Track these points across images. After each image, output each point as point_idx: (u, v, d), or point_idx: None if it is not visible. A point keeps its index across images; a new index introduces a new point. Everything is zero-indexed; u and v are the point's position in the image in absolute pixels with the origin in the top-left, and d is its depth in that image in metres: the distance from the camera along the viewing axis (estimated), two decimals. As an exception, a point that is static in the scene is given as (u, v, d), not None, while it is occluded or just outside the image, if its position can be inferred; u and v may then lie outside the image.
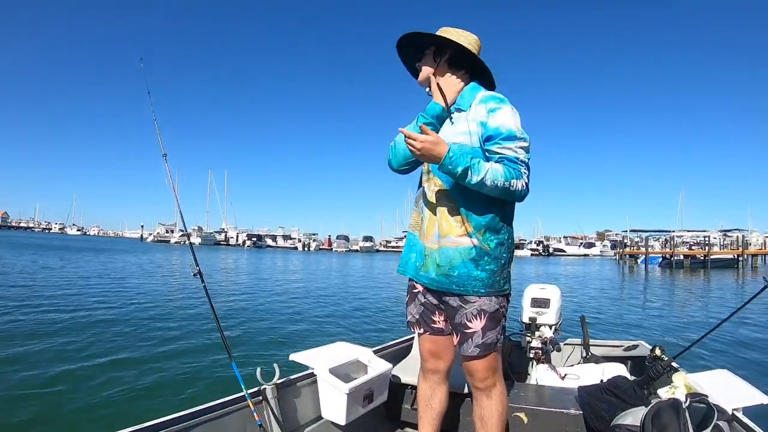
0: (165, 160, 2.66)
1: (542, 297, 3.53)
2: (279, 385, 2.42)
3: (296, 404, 2.54)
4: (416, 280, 2.19)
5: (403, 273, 2.26)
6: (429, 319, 2.20)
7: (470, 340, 2.05)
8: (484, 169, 1.87)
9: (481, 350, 2.05)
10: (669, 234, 55.42)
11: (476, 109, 2.04)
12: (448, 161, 1.86)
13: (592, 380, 2.88)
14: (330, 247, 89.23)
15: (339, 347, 3.00)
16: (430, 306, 2.19)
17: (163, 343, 6.56)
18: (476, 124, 2.02)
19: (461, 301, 2.05)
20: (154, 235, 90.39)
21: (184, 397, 4.67)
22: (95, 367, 5.48)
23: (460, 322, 2.06)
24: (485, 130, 1.99)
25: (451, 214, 2.04)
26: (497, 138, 1.95)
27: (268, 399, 2.34)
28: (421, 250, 2.13)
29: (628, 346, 3.85)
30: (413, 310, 2.25)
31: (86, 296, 11.16)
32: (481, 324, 2.03)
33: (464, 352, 2.08)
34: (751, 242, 54.21)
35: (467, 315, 2.04)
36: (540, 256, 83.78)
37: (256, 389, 2.34)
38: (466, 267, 2.02)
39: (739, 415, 2.18)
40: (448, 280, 2.04)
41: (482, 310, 2.03)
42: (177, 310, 9.20)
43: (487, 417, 2.14)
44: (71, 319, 8.40)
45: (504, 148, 1.94)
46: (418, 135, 1.87)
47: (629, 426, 2.04)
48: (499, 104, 2.01)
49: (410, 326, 2.29)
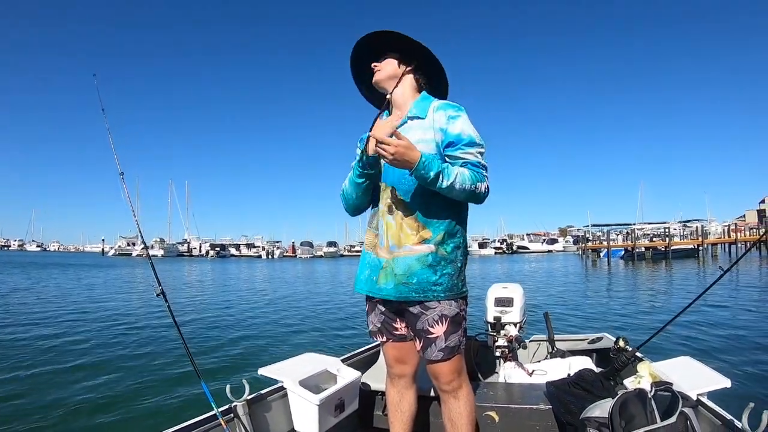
0: (122, 179, 2.61)
1: (505, 296, 3.56)
2: (250, 401, 2.39)
3: (268, 419, 2.51)
4: (373, 295, 2.15)
5: (359, 291, 2.23)
6: (391, 327, 2.20)
7: (433, 345, 2.05)
8: (454, 173, 1.89)
9: (445, 354, 2.05)
10: (630, 227, 56.81)
11: (434, 116, 2.06)
12: (421, 166, 1.83)
13: (559, 375, 2.92)
14: (294, 254, 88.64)
15: (307, 358, 2.98)
16: (390, 315, 2.18)
17: (128, 367, 6.31)
18: (435, 131, 2.03)
19: (422, 308, 2.05)
20: (116, 249, 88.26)
21: (154, 421, 4.52)
22: (57, 397, 5.21)
23: (422, 328, 2.06)
24: (446, 136, 2.01)
25: (408, 222, 2.03)
26: (459, 144, 1.99)
27: (239, 416, 2.32)
28: (375, 264, 2.11)
29: (593, 339, 3.92)
30: (374, 320, 2.23)
31: (42, 319, 10.78)
32: (443, 328, 2.04)
33: (428, 356, 2.07)
34: (711, 232, 56.12)
35: (428, 321, 2.04)
36: (504, 254, 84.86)
37: (227, 407, 2.31)
38: (425, 273, 2.01)
39: (704, 400, 2.23)
40: (407, 288, 2.02)
41: (443, 315, 2.04)
42: (142, 330, 8.87)
43: (456, 418, 2.15)
44: (24, 345, 8.14)
45: (467, 153, 1.98)
46: (390, 140, 1.81)
47: (598, 418, 2.07)
48: (458, 112, 2.05)
49: (373, 335, 2.27)
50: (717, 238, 53.19)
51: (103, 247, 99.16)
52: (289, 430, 2.59)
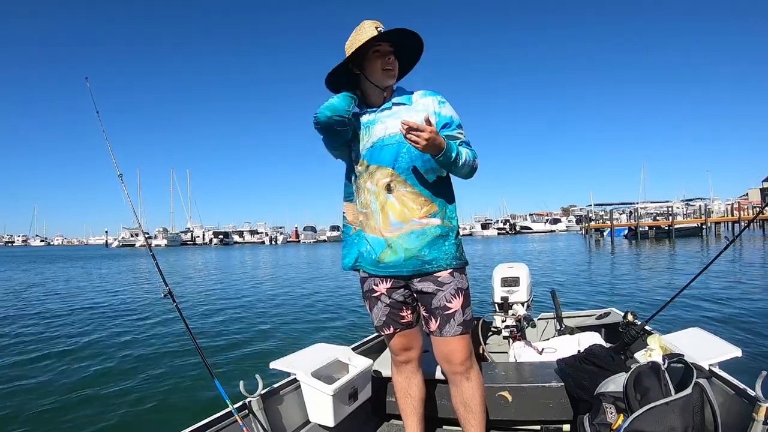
0: (121, 181, 2.58)
1: (511, 276, 3.56)
2: (263, 396, 2.39)
3: (283, 412, 2.51)
4: (378, 272, 2.15)
5: (357, 268, 2.23)
6: (397, 317, 2.21)
7: (452, 320, 2.07)
8: (463, 152, 2.03)
9: (463, 328, 2.10)
10: (633, 206, 56.67)
11: (422, 101, 2.14)
12: (448, 149, 1.93)
13: (569, 351, 2.90)
14: (297, 239, 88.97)
15: (317, 349, 2.97)
16: (395, 304, 2.19)
17: (141, 368, 6.24)
18: (430, 115, 2.03)
19: (437, 285, 2.07)
20: (119, 240, 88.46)
21: (170, 421, 4.47)
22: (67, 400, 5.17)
23: (440, 305, 2.08)
24: (440, 118, 2.10)
25: (412, 198, 2.06)
26: (453, 125, 2.11)
27: (254, 411, 2.32)
28: (376, 242, 2.11)
29: (600, 314, 3.91)
30: (378, 314, 2.22)
31: (45, 318, 10.74)
32: (460, 301, 2.09)
33: (446, 334, 2.09)
34: (714, 210, 55.98)
35: (446, 296, 2.07)
36: (507, 234, 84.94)
37: (242, 403, 2.31)
38: (436, 244, 2.07)
39: (716, 370, 2.22)
40: (419, 260, 2.05)
41: (458, 288, 2.10)
42: (151, 329, 8.74)
43: (469, 399, 2.16)
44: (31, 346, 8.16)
45: (460, 134, 2.12)
46: (425, 126, 1.83)
47: (612, 393, 2.05)
48: (444, 99, 2.17)
49: (379, 330, 2.28)
50: (720, 216, 53.08)
51: (106, 239, 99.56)
52: (304, 422, 2.59)
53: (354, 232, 2.25)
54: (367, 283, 2.22)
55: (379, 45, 2.08)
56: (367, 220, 2.14)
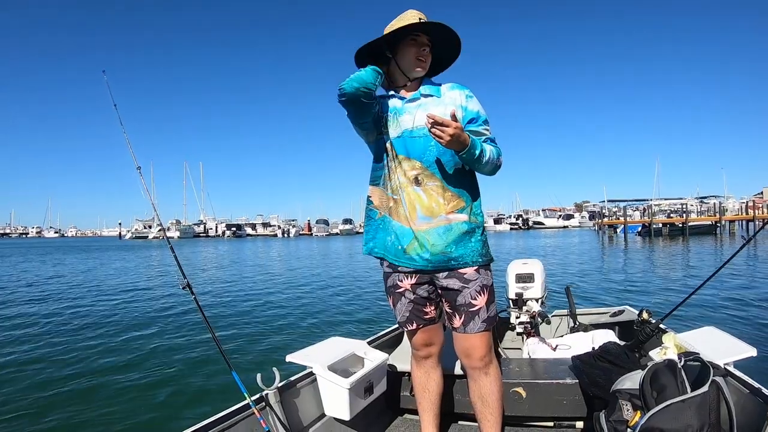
0: (140, 173, 2.58)
1: (526, 272, 3.55)
2: (280, 389, 2.41)
3: (299, 405, 2.53)
4: (402, 264, 2.13)
5: (380, 255, 2.21)
6: (421, 312, 2.20)
7: (477, 317, 2.08)
8: (487, 149, 2.01)
9: (487, 324, 2.10)
10: (647, 203, 56.24)
11: (450, 94, 2.12)
12: (472, 146, 1.91)
13: (583, 349, 2.91)
14: (310, 232, 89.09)
15: (334, 342, 2.98)
16: (419, 300, 2.18)
17: (158, 359, 6.35)
18: (457, 108, 2.05)
19: (462, 282, 2.07)
20: (132, 232, 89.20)
21: (188, 412, 4.56)
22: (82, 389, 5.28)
23: (464, 302, 2.07)
24: (466, 113, 2.08)
25: (440, 192, 2.05)
26: (479, 120, 2.08)
27: (271, 404, 2.34)
28: (403, 232, 2.10)
29: (615, 312, 3.90)
30: (401, 309, 2.21)
31: (63, 308, 10.94)
32: (485, 298, 2.09)
33: (470, 330, 2.09)
34: (728, 208, 55.39)
35: (471, 293, 2.07)
36: (520, 230, 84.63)
37: (259, 395, 2.32)
38: (462, 240, 2.06)
39: (731, 369, 2.21)
40: (445, 257, 2.05)
41: (484, 285, 2.09)
42: (168, 321, 8.89)
43: (487, 395, 2.17)
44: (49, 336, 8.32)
45: (486, 130, 2.09)
46: (450, 121, 1.81)
47: (629, 390, 2.06)
48: (472, 93, 2.14)
49: (402, 326, 2.27)
50: (734, 214, 52.54)
51: (120, 231, 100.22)
52: (320, 414, 2.61)
53: (379, 217, 2.20)
54: (391, 279, 2.21)
55: (417, 35, 2.08)
56: (397, 207, 2.13)
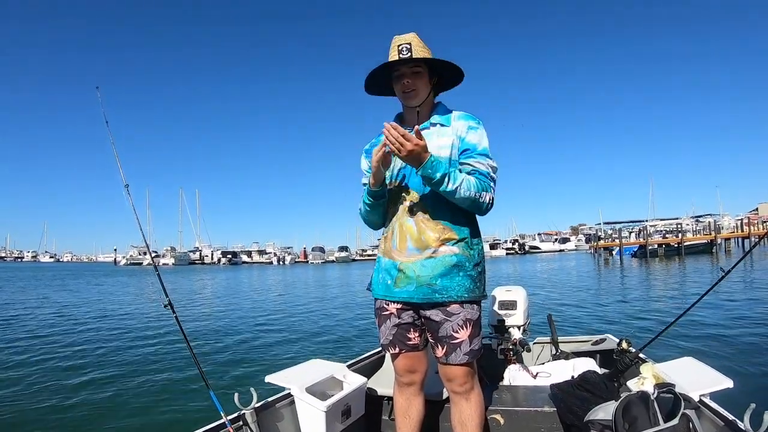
0: (127, 191, 2.61)
1: (508, 299, 3.56)
2: (258, 409, 2.40)
3: (276, 426, 2.52)
4: (389, 298, 2.16)
5: (376, 296, 2.25)
6: (404, 337, 2.19)
7: (459, 350, 2.07)
8: (460, 178, 1.95)
9: (470, 357, 2.09)
10: (642, 224, 56.48)
11: (456, 124, 2.12)
12: (429, 165, 1.88)
13: (563, 377, 2.93)
14: (306, 259, 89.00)
15: (314, 365, 2.99)
16: (404, 325, 2.18)
17: (137, 377, 6.36)
18: (455, 138, 2.08)
19: (444, 315, 2.06)
20: (127, 258, 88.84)
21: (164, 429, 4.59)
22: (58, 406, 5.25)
23: (446, 334, 2.07)
24: (462, 143, 2.08)
25: (430, 224, 2.06)
26: (473, 151, 2.06)
27: (248, 424, 2.32)
28: (390, 266, 2.12)
29: (596, 340, 3.91)
30: (385, 332, 2.22)
31: (47, 330, 10.88)
32: (468, 332, 2.07)
33: (452, 361, 2.08)
34: (723, 226, 55.66)
35: (453, 327, 2.06)
36: (516, 254, 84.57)
37: (236, 415, 2.31)
38: (450, 274, 2.04)
39: (706, 401, 2.22)
40: (430, 289, 2.04)
41: (468, 319, 2.07)
42: (151, 340, 8.94)
43: (467, 420, 2.17)
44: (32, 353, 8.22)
45: (478, 162, 2.04)
46: (412, 136, 1.84)
47: (601, 420, 2.07)
48: (478, 124, 2.13)
49: (385, 348, 2.27)
50: (730, 232, 52.80)
51: (115, 257, 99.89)
52: None
53: (380, 259, 2.23)
54: (378, 301, 2.24)
55: (396, 69, 2.11)
56: (385, 242, 2.16)
